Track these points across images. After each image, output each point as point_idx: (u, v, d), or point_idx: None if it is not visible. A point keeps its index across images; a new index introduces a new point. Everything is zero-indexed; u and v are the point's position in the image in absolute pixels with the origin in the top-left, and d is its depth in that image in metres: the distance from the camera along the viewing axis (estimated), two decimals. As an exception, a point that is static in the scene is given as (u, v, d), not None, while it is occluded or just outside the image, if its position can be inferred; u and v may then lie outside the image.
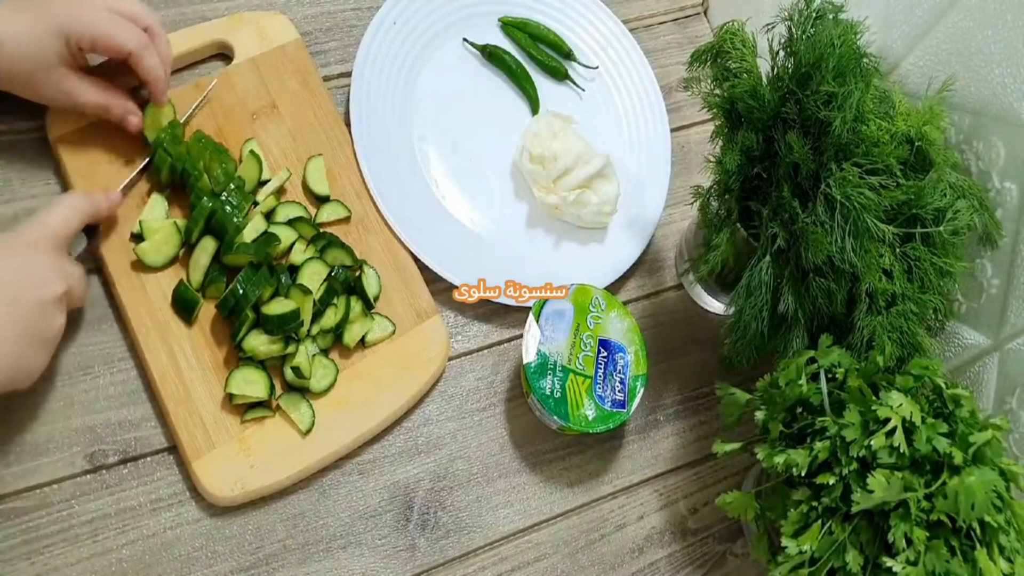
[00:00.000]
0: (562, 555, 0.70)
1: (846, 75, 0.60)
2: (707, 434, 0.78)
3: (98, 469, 0.62)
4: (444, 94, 0.82)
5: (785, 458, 0.56)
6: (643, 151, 0.87)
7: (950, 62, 0.68)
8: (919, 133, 0.63)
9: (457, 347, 0.75)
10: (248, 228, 0.67)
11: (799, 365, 0.60)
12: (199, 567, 0.62)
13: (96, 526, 0.61)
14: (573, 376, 0.69)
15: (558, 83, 0.88)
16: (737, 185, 0.66)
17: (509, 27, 0.87)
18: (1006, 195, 0.64)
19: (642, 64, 0.90)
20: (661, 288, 0.84)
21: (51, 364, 0.63)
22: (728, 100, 0.65)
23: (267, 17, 0.77)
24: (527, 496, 0.71)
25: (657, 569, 0.72)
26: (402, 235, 0.74)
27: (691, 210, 0.76)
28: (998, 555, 0.52)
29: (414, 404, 0.71)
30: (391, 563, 0.66)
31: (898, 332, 0.62)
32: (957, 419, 0.56)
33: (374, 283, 0.71)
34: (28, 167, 0.68)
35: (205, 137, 0.70)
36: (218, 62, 0.76)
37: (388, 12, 0.81)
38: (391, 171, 0.77)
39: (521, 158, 0.79)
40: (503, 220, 0.80)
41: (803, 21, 0.63)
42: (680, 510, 0.75)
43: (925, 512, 0.52)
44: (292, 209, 0.70)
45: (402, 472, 0.69)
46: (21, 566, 0.58)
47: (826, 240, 0.59)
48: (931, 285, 0.63)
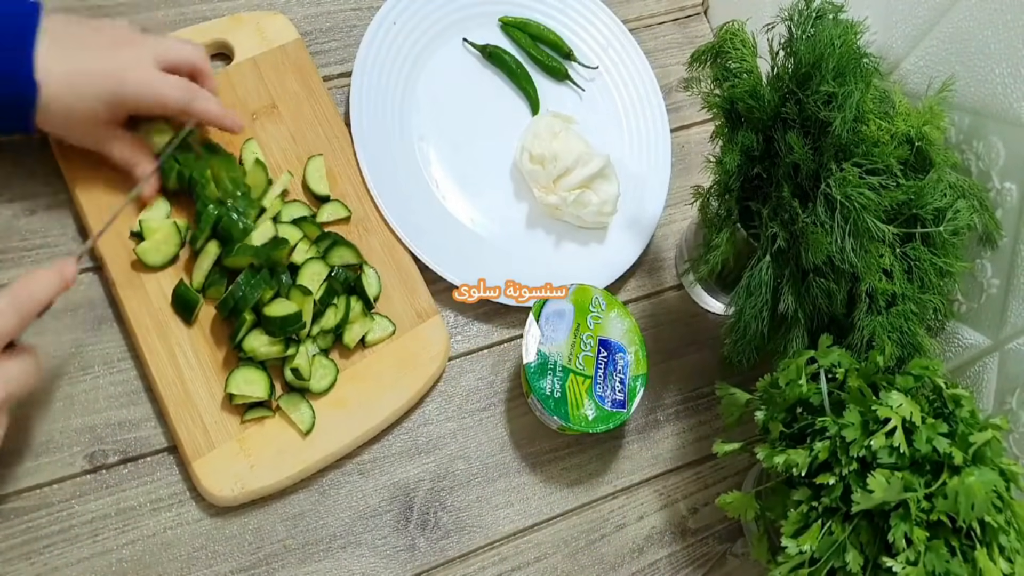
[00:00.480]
0: (562, 555, 0.70)
1: (846, 75, 0.60)
2: (707, 434, 0.78)
3: (98, 469, 0.62)
4: (444, 94, 0.82)
5: (785, 458, 0.56)
6: (643, 151, 0.87)
7: (950, 62, 0.68)
8: (919, 133, 0.63)
9: (457, 347, 0.75)
10: (257, 233, 0.67)
11: (799, 365, 0.60)
12: (199, 567, 0.62)
13: (96, 526, 0.61)
14: (573, 376, 0.69)
15: (558, 83, 0.88)
16: (737, 185, 0.66)
17: (509, 27, 0.87)
18: (1006, 195, 0.64)
19: (642, 64, 0.90)
20: (661, 288, 0.84)
21: (51, 364, 0.63)
22: (728, 100, 0.65)
23: (267, 17, 0.77)
24: (527, 496, 0.71)
25: (657, 569, 0.72)
26: (402, 235, 0.74)
27: (691, 210, 0.76)
28: (998, 555, 0.52)
29: (414, 404, 0.71)
30: (391, 563, 0.66)
31: (898, 332, 0.62)
32: (957, 419, 0.56)
33: (374, 283, 0.71)
34: (28, 168, 0.68)
35: (213, 144, 0.70)
36: (218, 62, 0.76)
37: (388, 12, 0.81)
38: (391, 171, 0.77)
39: (521, 158, 0.79)
40: (503, 220, 0.80)
41: (803, 21, 0.63)
42: (680, 510, 0.75)
43: (925, 512, 0.52)
44: (296, 209, 0.70)
45: (402, 472, 0.69)
46: (21, 566, 0.58)
47: (826, 240, 0.59)
48: (931, 285, 0.63)
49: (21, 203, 0.66)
